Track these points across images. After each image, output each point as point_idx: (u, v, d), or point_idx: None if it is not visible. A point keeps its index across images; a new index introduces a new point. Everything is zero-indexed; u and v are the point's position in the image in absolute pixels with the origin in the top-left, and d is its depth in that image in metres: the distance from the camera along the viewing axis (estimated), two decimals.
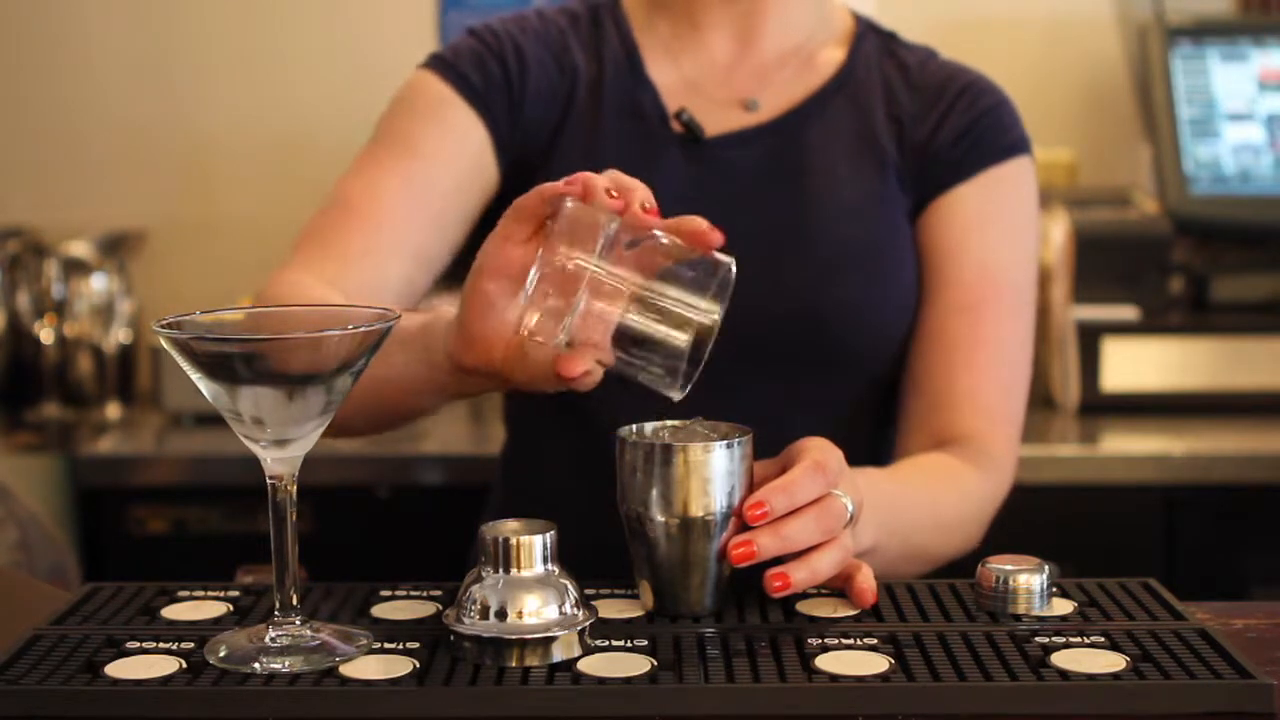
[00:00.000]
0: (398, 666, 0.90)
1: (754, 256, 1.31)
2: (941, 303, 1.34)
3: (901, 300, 1.34)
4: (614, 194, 0.95)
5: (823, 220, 1.33)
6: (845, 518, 1.00)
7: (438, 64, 1.36)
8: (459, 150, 1.34)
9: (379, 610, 1.01)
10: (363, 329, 0.89)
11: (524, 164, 1.36)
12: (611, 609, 1.00)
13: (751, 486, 0.99)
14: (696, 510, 0.98)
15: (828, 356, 1.32)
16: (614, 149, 1.35)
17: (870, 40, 1.42)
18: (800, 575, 0.97)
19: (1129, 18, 2.47)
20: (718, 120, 1.37)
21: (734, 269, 0.96)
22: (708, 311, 0.95)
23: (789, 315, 1.30)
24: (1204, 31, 2.40)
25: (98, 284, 2.39)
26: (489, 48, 1.36)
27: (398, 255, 1.30)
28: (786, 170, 1.35)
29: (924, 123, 1.37)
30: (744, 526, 0.98)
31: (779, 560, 0.98)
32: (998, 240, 1.35)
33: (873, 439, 1.39)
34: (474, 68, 1.35)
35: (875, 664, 0.90)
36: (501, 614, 0.91)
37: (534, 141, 1.36)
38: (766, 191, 1.34)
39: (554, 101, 1.36)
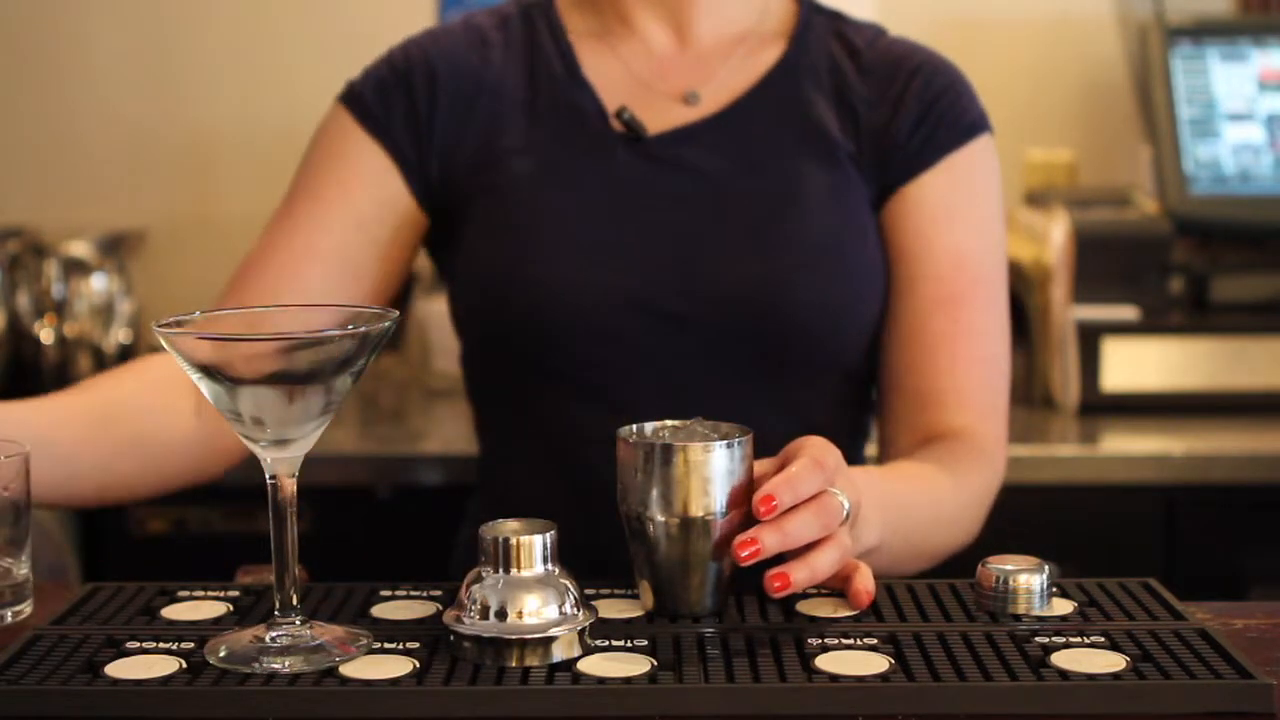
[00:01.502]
0: (398, 666, 0.90)
1: (707, 255, 1.30)
2: (917, 298, 1.32)
3: (867, 292, 1.32)
4: None
5: (776, 214, 1.30)
6: (842, 515, 1.00)
7: (345, 94, 1.38)
8: (357, 183, 1.34)
9: (379, 610, 1.01)
10: (363, 329, 0.89)
11: (452, 185, 1.34)
12: (611, 609, 1.00)
13: (751, 485, 0.99)
14: (697, 510, 0.98)
15: (792, 354, 1.30)
16: (556, 153, 1.33)
17: (816, 24, 1.38)
18: (800, 575, 0.97)
19: (1129, 18, 2.47)
20: (660, 116, 1.34)
21: None
22: None
23: (747, 314, 1.28)
24: (1204, 31, 2.40)
25: (98, 284, 2.39)
26: (397, 73, 1.36)
27: (291, 300, 1.30)
28: (734, 164, 1.32)
29: (878, 108, 1.34)
30: (743, 524, 0.98)
31: (777, 560, 0.98)
32: (967, 229, 1.33)
33: (847, 431, 1.37)
34: (376, 96, 1.36)
35: (875, 664, 0.90)
36: (501, 614, 0.91)
37: (456, 162, 1.34)
38: (716, 187, 1.32)
39: (471, 116, 1.35)
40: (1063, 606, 1.01)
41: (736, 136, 1.33)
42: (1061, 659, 0.91)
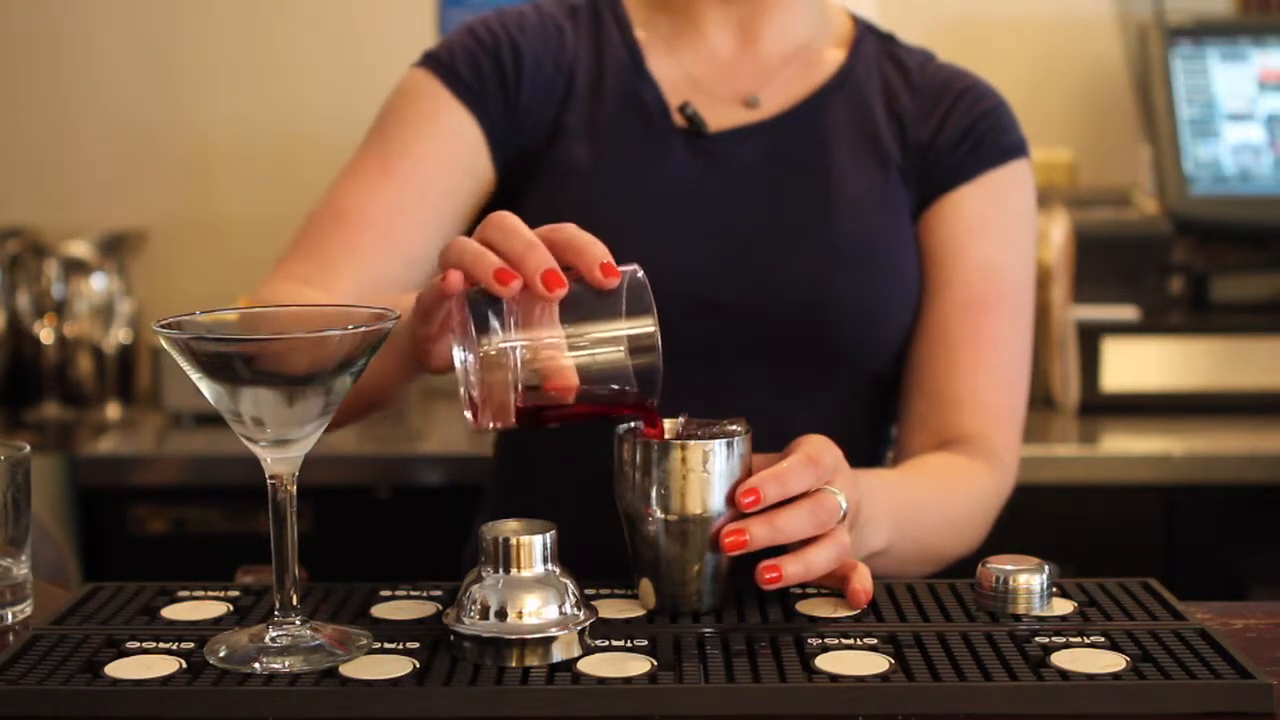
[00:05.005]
0: (398, 666, 0.90)
1: (758, 251, 1.33)
2: (944, 302, 1.35)
3: (904, 297, 1.35)
4: (503, 275, 0.93)
5: (827, 216, 1.34)
6: (839, 514, 1.00)
7: (431, 62, 1.37)
8: (451, 150, 1.34)
9: (379, 610, 1.01)
10: (363, 329, 0.89)
11: (523, 159, 1.36)
12: (611, 609, 1.00)
13: None
14: (695, 507, 0.98)
15: (829, 351, 1.33)
16: (617, 141, 1.35)
17: (870, 42, 1.43)
18: (793, 569, 0.97)
19: (1129, 18, 2.47)
20: (720, 115, 1.37)
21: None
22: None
23: (792, 310, 1.31)
24: (1204, 31, 2.40)
25: (98, 284, 2.39)
26: (484, 45, 1.37)
27: (386, 259, 1.30)
28: (790, 166, 1.36)
29: (925, 124, 1.38)
30: (738, 519, 0.98)
31: (773, 554, 0.98)
32: (998, 242, 1.36)
33: (871, 435, 1.39)
34: (468, 65, 1.36)
35: (875, 664, 0.90)
36: (501, 614, 0.91)
37: (532, 137, 1.36)
38: (770, 186, 1.35)
39: (550, 98, 1.36)
40: (1063, 606, 1.01)
41: (793, 139, 1.37)
42: (1061, 659, 0.91)
